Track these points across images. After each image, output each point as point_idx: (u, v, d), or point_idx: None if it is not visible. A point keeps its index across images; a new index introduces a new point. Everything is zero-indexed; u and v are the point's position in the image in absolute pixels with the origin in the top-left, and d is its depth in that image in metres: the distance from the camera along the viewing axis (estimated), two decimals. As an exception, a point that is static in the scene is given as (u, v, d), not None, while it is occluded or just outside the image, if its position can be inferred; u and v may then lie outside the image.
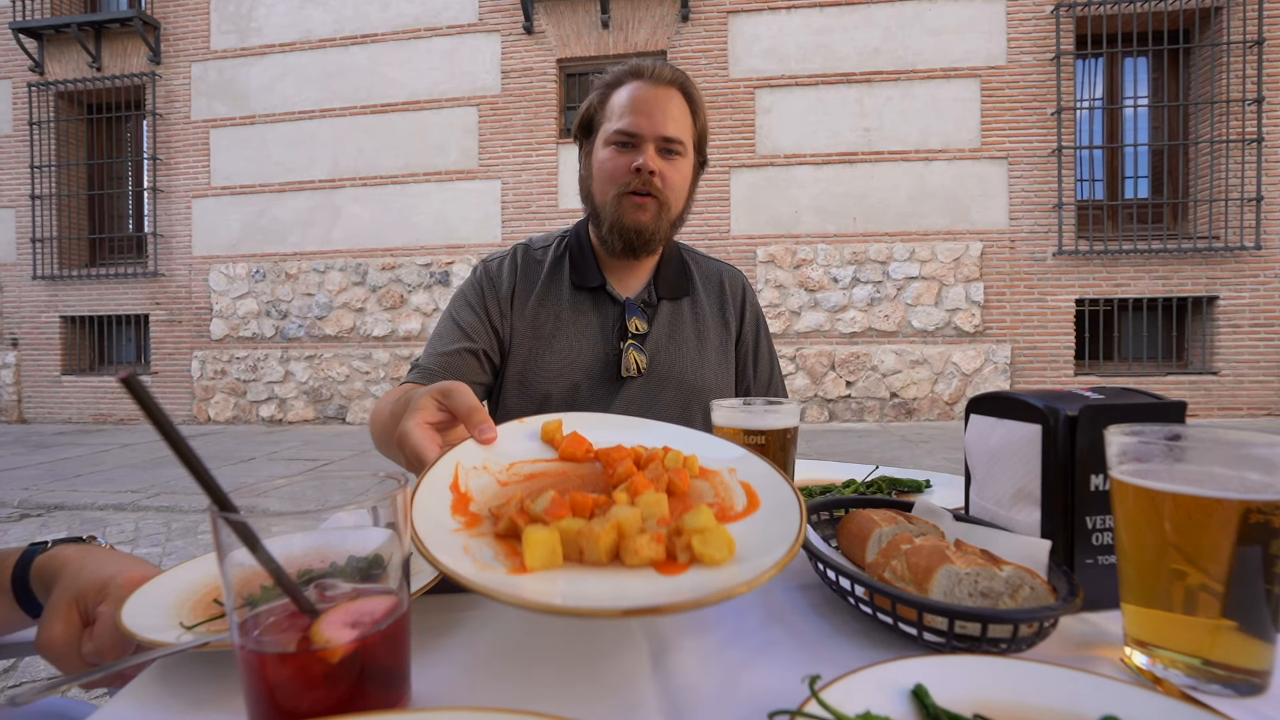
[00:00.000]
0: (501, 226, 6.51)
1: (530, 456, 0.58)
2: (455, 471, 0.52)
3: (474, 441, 0.57)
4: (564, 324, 1.08)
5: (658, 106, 1.02)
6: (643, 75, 1.05)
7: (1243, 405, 5.73)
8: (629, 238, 1.05)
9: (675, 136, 1.03)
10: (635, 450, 0.56)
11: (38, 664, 1.95)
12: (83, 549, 0.58)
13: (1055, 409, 0.52)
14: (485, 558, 0.41)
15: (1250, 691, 0.39)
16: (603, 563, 0.41)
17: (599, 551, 0.41)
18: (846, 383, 6.11)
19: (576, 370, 1.06)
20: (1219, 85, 5.66)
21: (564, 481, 0.54)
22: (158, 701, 0.40)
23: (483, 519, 0.47)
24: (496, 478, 0.54)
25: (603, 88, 1.08)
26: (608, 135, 1.04)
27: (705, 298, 1.17)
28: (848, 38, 6.08)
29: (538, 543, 0.40)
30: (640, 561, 0.40)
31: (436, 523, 0.44)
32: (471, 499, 0.50)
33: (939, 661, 0.37)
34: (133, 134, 7.50)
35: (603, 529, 0.41)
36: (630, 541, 0.41)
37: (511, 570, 0.40)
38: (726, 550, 0.40)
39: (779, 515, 0.46)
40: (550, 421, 0.61)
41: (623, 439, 0.59)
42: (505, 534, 0.44)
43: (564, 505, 0.45)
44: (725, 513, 0.48)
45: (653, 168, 1.01)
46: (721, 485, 0.53)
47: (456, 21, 6.57)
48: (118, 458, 5.07)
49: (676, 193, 1.06)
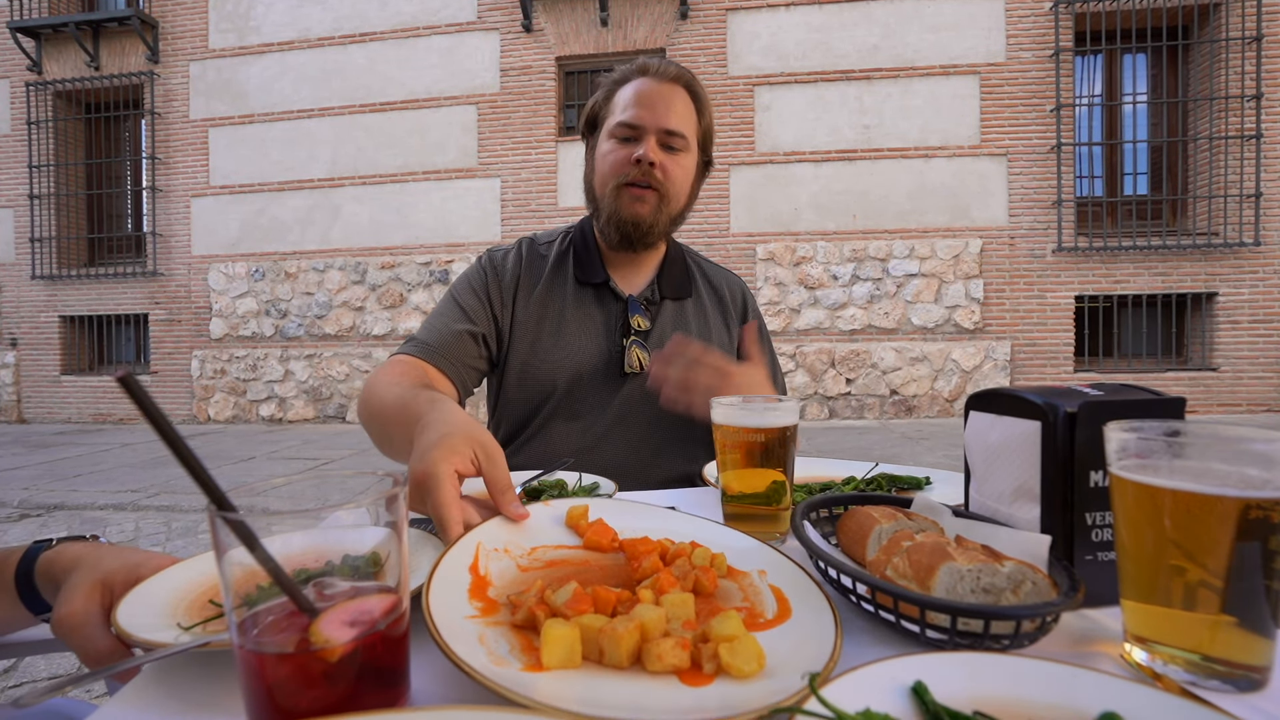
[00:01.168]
0: (501, 225, 6.51)
1: (553, 542, 0.57)
2: (476, 552, 0.51)
3: (498, 521, 0.56)
4: (567, 318, 1.08)
5: (661, 100, 1.03)
6: (648, 72, 1.06)
7: (1242, 401, 5.74)
8: (626, 229, 1.05)
9: (677, 130, 1.03)
10: (662, 544, 0.54)
11: (38, 664, 1.95)
12: (93, 545, 0.58)
13: (1055, 405, 0.51)
14: (501, 650, 0.40)
15: (1250, 687, 0.39)
16: (623, 666, 0.39)
17: (620, 654, 0.39)
18: (846, 380, 6.11)
19: (579, 365, 1.06)
20: (1218, 81, 5.65)
21: (586, 571, 0.53)
22: (156, 702, 0.40)
23: (500, 606, 0.46)
24: (517, 562, 0.53)
25: (609, 85, 1.09)
26: (611, 128, 1.05)
27: (708, 300, 1.18)
28: (847, 35, 6.07)
29: (556, 639, 0.39)
30: (663, 668, 0.39)
31: (453, 607, 0.43)
32: (490, 583, 0.49)
33: (939, 658, 0.37)
34: (131, 133, 7.49)
35: (625, 629, 0.39)
36: (654, 646, 0.39)
37: (526, 667, 0.38)
38: (756, 663, 0.38)
39: (812, 627, 0.44)
40: (576, 507, 0.60)
41: (649, 529, 0.58)
42: (523, 625, 0.43)
43: (586, 600, 0.43)
44: (754, 619, 0.46)
45: (653, 159, 1.01)
46: (750, 588, 0.51)
47: (455, 20, 6.56)
48: (117, 457, 5.07)
49: (677, 187, 1.06)
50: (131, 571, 0.52)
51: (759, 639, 0.41)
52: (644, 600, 0.44)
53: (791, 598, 0.48)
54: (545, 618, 0.42)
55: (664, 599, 0.44)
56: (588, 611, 0.42)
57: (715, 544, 0.57)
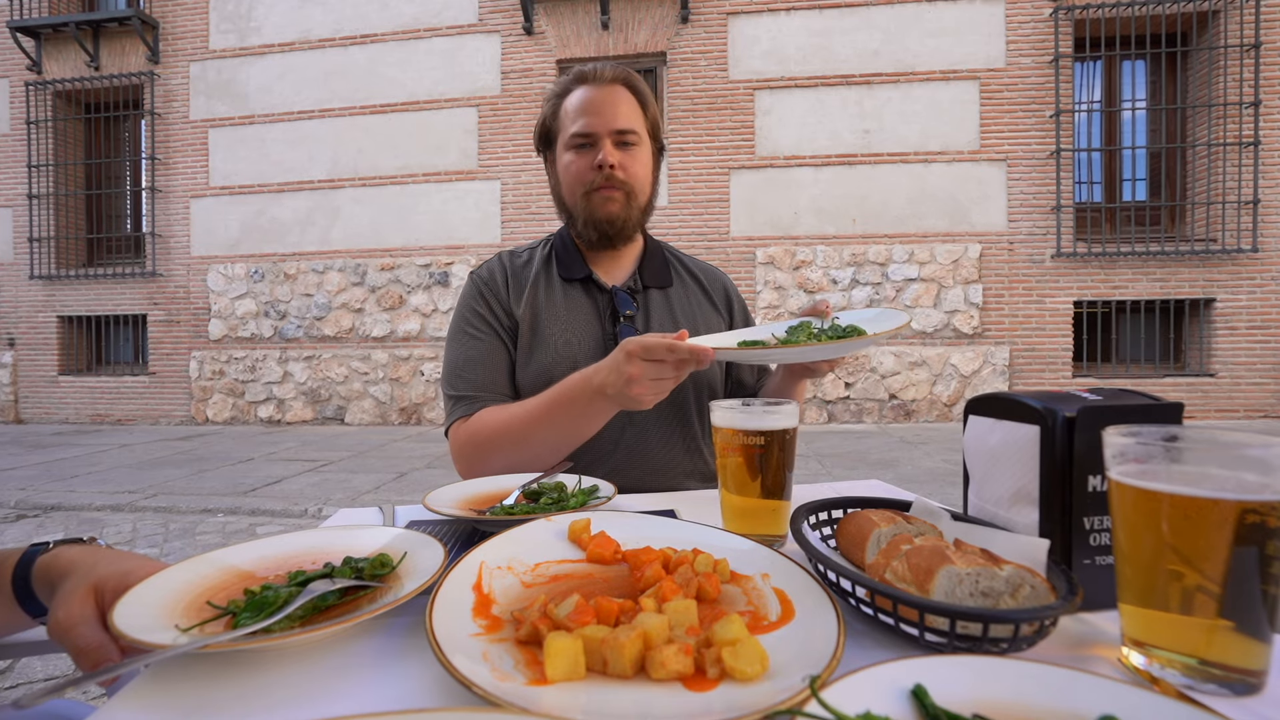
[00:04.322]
0: (501, 227, 6.52)
1: (556, 556, 0.58)
2: (479, 571, 0.51)
3: (501, 538, 0.57)
4: (557, 314, 1.12)
5: (606, 104, 1.08)
6: (587, 80, 1.11)
7: (1239, 407, 5.75)
8: (603, 228, 1.11)
9: (628, 128, 1.08)
10: (664, 552, 0.55)
11: (35, 665, 1.94)
12: (89, 549, 0.58)
13: (1053, 410, 0.52)
14: (505, 666, 0.40)
15: (1246, 691, 0.39)
16: (628, 675, 0.39)
17: (624, 663, 0.39)
18: (845, 384, 6.12)
19: (575, 352, 1.10)
20: (1216, 88, 5.68)
21: (590, 584, 0.53)
22: (154, 704, 0.40)
23: (504, 623, 0.46)
24: (521, 578, 0.54)
25: (553, 99, 1.14)
26: (566, 140, 1.10)
27: (693, 288, 1.23)
28: (847, 39, 6.09)
29: (559, 652, 0.39)
30: (667, 675, 0.39)
31: (457, 625, 0.44)
32: (494, 601, 0.49)
33: (938, 661, 0.37)
34: (131, 133, 7.49)
35: (628, 638, 0.39)
36: (657, 653, 0.39)
37: (531, 681, 0.38)
38: (759, 665, 0.39)
39: (817, 627, 0.44)
40: (578, 521, 0.61)
41: (651, 539, 0.59)
42: (527, 640, 0.43)
43: (588, 611, 0.44)
44: (758, 622, 0.46)
45: (612, 161, 1.07)
46: (754, 591, 0.51)
47: (456, 22, 6.58)
48: (115, 458, 5.06)
49: (639, 180, 1.12)
50: (122, 579, 0.52)
51: (763, 641, 0.41)
52: (646, 609, 0.44)
53: (795, 599, 0.49)
54: (548, 631, 0.42)
55: (666, 606, 0.44)
56: (591, 623, 0.43)
57: (718, 549, 0.57)
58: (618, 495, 0.82)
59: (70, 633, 0.50)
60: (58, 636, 0.51)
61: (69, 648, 0.50)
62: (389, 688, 0.42)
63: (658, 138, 1.17)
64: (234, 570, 0.56)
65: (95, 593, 0.52)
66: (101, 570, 0.53)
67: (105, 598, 0.52)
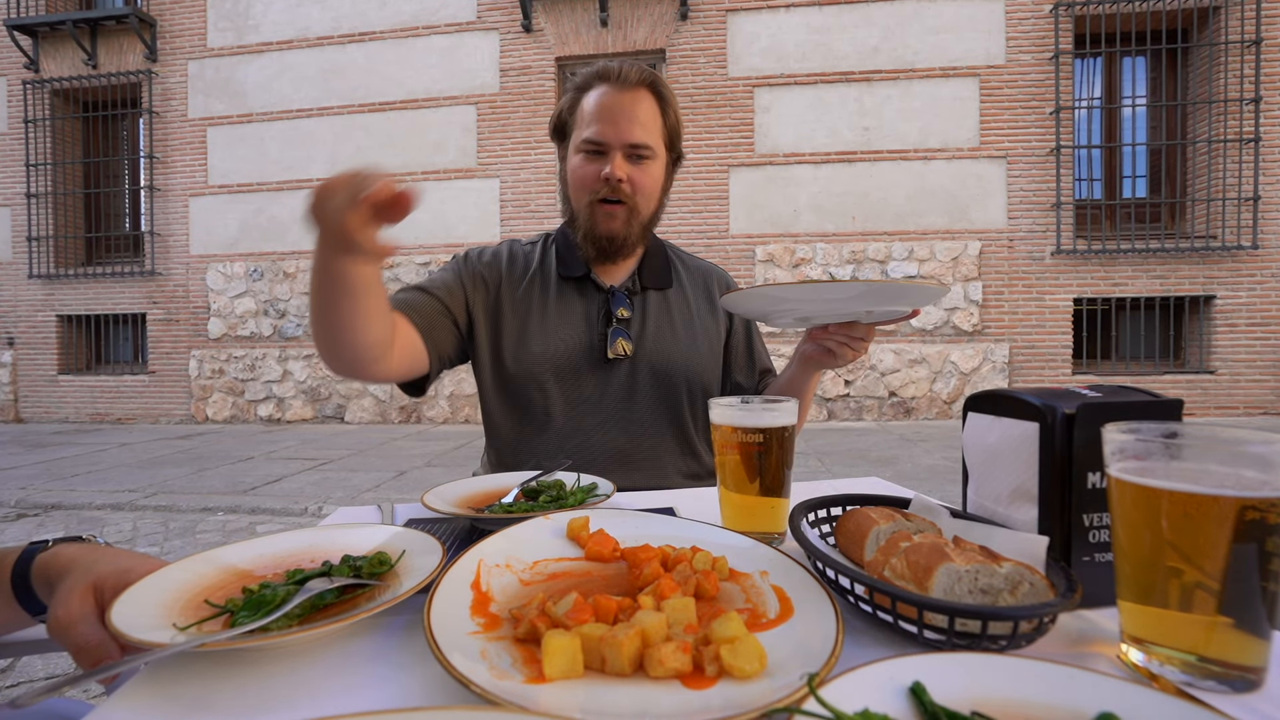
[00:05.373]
0: (500, 225, 6.51)
1: (555, 554, 0.57)
2: (477, 569, 0.51)
3: (499, 536, 0.56)
4: (550, 311, 1.11)
5: (623, 114, 1.03)
6: (610, 79, 1.05)
7: (1239, 404, 5.75)
8: (601, 245, 1.08)
9: (642, 142, 1.04)
10: (663, 550, 0.55)
11: (35, 664, 1.94)
12: (88, 547, 0.58)
13: (1053, 407, 0.52)
14: (503, 664, 0.40)
15: (1246, 688, 0.39)
16: (626, 673, 0.39)
17: (622, 661, 0.39)
18: (845, 381, 6.12)
19: (565, 352, 1.09)
20: (1217, 85, 5.67)
21: (588, 582, 0.54)
22: (152, 702, 0.40)
23: (503, 621, 0.46)
24: (519, 576, 0.54)
25: (573, 91, 1.10)
26: (578, 143, 1.07)
27: (692, 290, 1.20)
28: (847, 36, 6.08)
29: (557, 650, 0.39)
30: (665, 673, 0.39)
31: (454, 623, 0.44)
32: (492, 599, 0.49)
33: (937, 659, 0.37)
34: (129, 132, 7.48)
35: (626, 636, 0.39)
36: (655, 651, 0.39)
37: (529, 679, 0.38)
38: (757, 662, 0.39)
39: (815, 624, 0.44)
40: (577, 519, 0.60)
41: (650, 537, 0.59)
42: (525, 638, 0.43)
43: (587, 609, 0.44)
44: (756, 619, 0.46)
45: (620, 175, 1.03)
46: (753, 589, 0.51)
47: (455, 19, 6.56)
48: (115, 457, 5.06)
49: (646, 196, 1.08)
50: (121, 576, 0.52)
51: (762, 639, 0.41)
52: (645, 607, 0.44)
53: (794, 597, 0.49)
54: (546, 629, 0.42)
55: (665, 604, 0.44)
56: (589, 621, 0.43)
57: (716, 547, 0.57)
58: (616, 493, 0.82)
59: (69, 631, 0.50)
60: (57, 635, 0.51)
61: (68, 646, 0.50)
62: (387, 686, 0.42)
63: (675, 147, 1.12)
64: (232, 569, 0.56)
65: (94, 591, 0.52)
66: (101, 568, 0.53)
67: (104, 595, 0.52)
